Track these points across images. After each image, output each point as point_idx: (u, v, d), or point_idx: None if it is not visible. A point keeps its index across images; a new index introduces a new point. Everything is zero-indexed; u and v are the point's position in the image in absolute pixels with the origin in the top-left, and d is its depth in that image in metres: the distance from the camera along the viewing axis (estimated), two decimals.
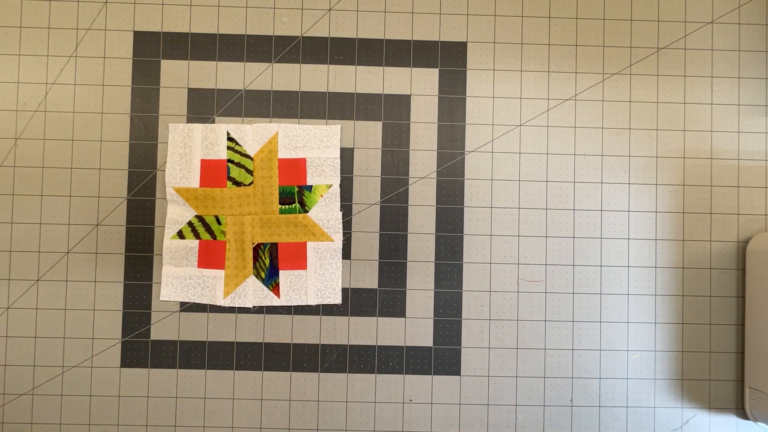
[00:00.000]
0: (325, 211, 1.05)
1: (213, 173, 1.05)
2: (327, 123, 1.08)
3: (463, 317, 1.07)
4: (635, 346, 1.08)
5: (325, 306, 1.07)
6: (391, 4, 1.10)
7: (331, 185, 1.06)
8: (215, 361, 1.06)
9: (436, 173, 1.08)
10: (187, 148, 1.05)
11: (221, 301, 1.05)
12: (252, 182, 1.05)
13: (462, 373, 1.07)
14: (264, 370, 1.06)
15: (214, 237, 1.05)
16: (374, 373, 1.07)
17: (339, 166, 1.06)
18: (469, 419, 1.06)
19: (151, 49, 1.08)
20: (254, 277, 1.05)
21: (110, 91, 1.08)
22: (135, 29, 1.08)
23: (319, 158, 1.05)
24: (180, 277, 1.05)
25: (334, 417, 1.06)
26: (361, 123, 1.08)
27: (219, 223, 1.04)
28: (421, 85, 1.09)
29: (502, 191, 1.08)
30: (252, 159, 1.05)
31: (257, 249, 1.05)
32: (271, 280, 1.05)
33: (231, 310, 1.06)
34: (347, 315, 1.07)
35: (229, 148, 1.05)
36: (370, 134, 1.08)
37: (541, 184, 1.09)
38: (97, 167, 1.07)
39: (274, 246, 1.05)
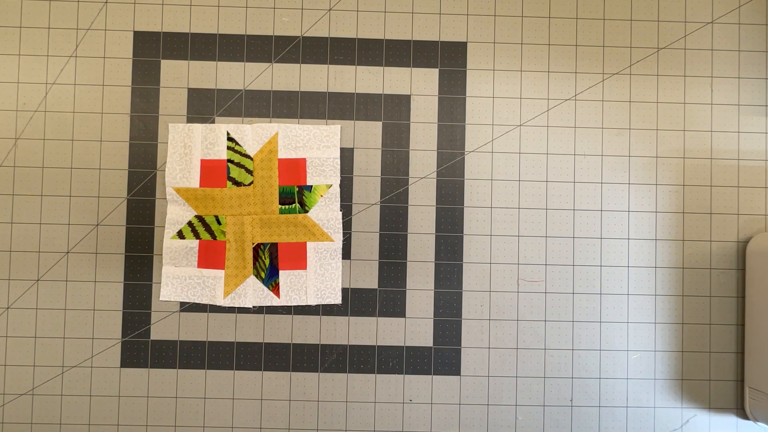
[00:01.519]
0: (325, 211, 1.05)
1: (213, 173, 1.05)
2: (327, 123, 1.08)
3: (463, 317, 1.07)
4: (635, 346, 1.08)
5: (325, 306, 1.07)
6: (391, 4, 1.10)
7: (331, 185, 1.06)
8: (215, 361, 1.06)
9: (436, 173, 1.08)
10: (187, 148, 1.05)
11: (221, 301, 1.05)
12: (252, 182, 1.05)
13: (462, 373, 1.07)
14: (264, 370, 1.06)
15: (214, 237, 1.05)
16: (374, 373, 1.07)
17: (339, 166, 1.06)
18: (469, 419, 1.06)
19: (151, 49, 1.08)
20: (254, 277, 1.05)
21: (110, 91, 1.08)
22: (135, 29, 1.08)
23: (319, 158, 1.05)
24: (180, 277, 1.05)
25: (334, 417, 1.06)
26: (361, 123, 1.08)
27: (219, 223, 1.04)
28: (421, 85, 1.09)
29: (502, 191, 1.08)
30: (252, 159, 1.05)
31: (257, 249, 1.05)
32: (271, 280, 1.05)
33: (231, 310, 1.06)
34: (347, 315, 1.07)
35: (229, 148, 1.05)
36: (370, 134, 1.08)
37: (541, 184, 1.09)
38: (97, 167, 1.07)
39: (274, 246, 1.05)
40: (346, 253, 1.07)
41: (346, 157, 1.08)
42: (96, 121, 1.07)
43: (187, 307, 1.06)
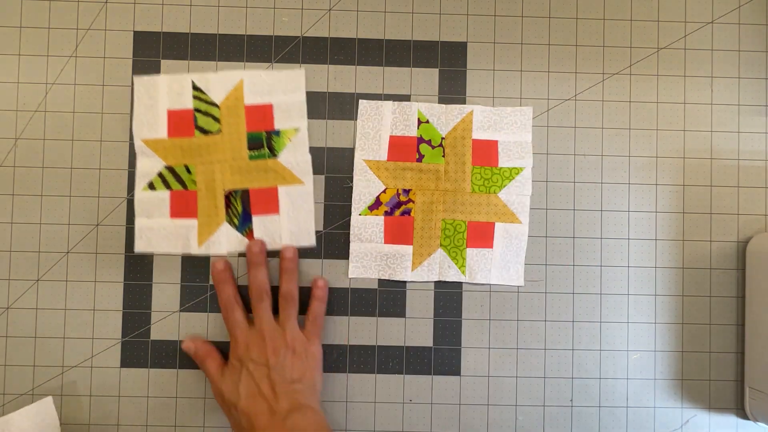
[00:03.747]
0: (295, 154, 1.05)
1: (180, 123, 1.05)
2: (326, 121, 1.08)
3: (463, 317, 1.07)
4: (635, 346, 1.08)
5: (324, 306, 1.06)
6: (391, 4, 1.10)
7: (299, 128, 1.05)
8: None
9: None
10: (153, 100, 1.05)
11: (196, 250, 1.04)
12: (220, 130, 1.04)
13: (462, 373, 1.07)
14: None
15: (184, 186, 1.04)
16: (374, 373, 1.07)
17: (305, 110, 1.06)
18: (469, 419, 1.06)
19: (151, 49, 1.08)
20: (227, 224, 1.04)
21: (110, 91, 1.07)
22: (135, 29, 1.08)
23: (286, 103, 1.05)
24: (153, 229, 1.04)
25: (334, 417, 1.06)
26: None
27: (189, 172, 1.04)
28: (421, 85, 1.09)
29: None
30: (218, 107, 1.04)
31: (229, 196, 1.04)
32: (244, 226, 1.05)
33: None
34: (347, 315, 1.07)
35: (195, 97, 1.05)
36: None
37: (541, 184, 1.09)
38: (97, 167, 1.07)
39: (245, 192, 1.04)
40: (347, 253, 1.07)
41: (347, 156, 1.08)
42: (96, 121, 1.07)
43: (187, 307, 1.06)
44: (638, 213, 1.09)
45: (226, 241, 1.05)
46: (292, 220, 1.05)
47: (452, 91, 1.09)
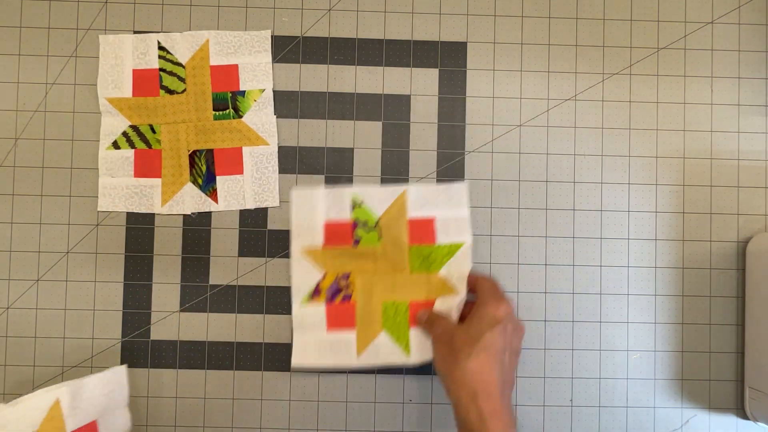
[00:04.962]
0: (259, 115, 1.05)
1: (145, 82, 1.05)
2: (326, 121, 1.08)
3: None
4: (635, 346, 1.08)
5: None
6: (391, 4, 1.10)
7: (264, 89, 1.05)
8: (215, 361, 1.06)
9: (436, 173, 1.08)
10: (119, 59, 1.05)
11: (160, 209, 1.04)
12: (185, 90, 1.04)
13: None
14: (264, 370, 1.06)
15: (149, 146, 1.04)
16: (374, 373, 1.07)
17: (271, 72, 1.06)
18: None
19: None
20: (191, 184, 1.05)
21: None
22: (135, 29, 1.08)
23: (251, 63, 1.05)
24: (117, 188, 1.04)
25: (334, 417, 1.06)
26: (361, 123, 1.08)
27: (153, 131, 1.04)
28: (421, 85, 1.09)
29: (502, 191, 1.08)
30: (184, 67, 1.04)
31: (193, 156, 1.04)
32: (208, 186, 1.05)
33: (230, 310, 1.06)
34: None
35: (160, 57, 1.05)
36: (370, 134, 1.08)
37: (541, 184, 1.09)
38: (97, 167, 1.06)
39: (210, 152, 1.05)
40: None
41: (346, 157, 1.08)
42: (96, 121, 1.07)
43: (187, 307, 1.06)
44: (638, 213, 1.09)
45: (190, 200, 1.05)
46: (256, 181, 1.05)
47: (452, 91, 1.09)
